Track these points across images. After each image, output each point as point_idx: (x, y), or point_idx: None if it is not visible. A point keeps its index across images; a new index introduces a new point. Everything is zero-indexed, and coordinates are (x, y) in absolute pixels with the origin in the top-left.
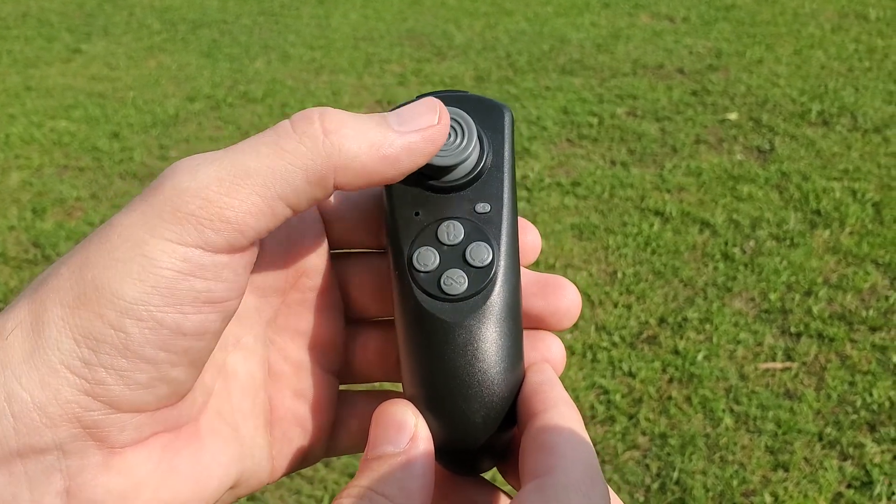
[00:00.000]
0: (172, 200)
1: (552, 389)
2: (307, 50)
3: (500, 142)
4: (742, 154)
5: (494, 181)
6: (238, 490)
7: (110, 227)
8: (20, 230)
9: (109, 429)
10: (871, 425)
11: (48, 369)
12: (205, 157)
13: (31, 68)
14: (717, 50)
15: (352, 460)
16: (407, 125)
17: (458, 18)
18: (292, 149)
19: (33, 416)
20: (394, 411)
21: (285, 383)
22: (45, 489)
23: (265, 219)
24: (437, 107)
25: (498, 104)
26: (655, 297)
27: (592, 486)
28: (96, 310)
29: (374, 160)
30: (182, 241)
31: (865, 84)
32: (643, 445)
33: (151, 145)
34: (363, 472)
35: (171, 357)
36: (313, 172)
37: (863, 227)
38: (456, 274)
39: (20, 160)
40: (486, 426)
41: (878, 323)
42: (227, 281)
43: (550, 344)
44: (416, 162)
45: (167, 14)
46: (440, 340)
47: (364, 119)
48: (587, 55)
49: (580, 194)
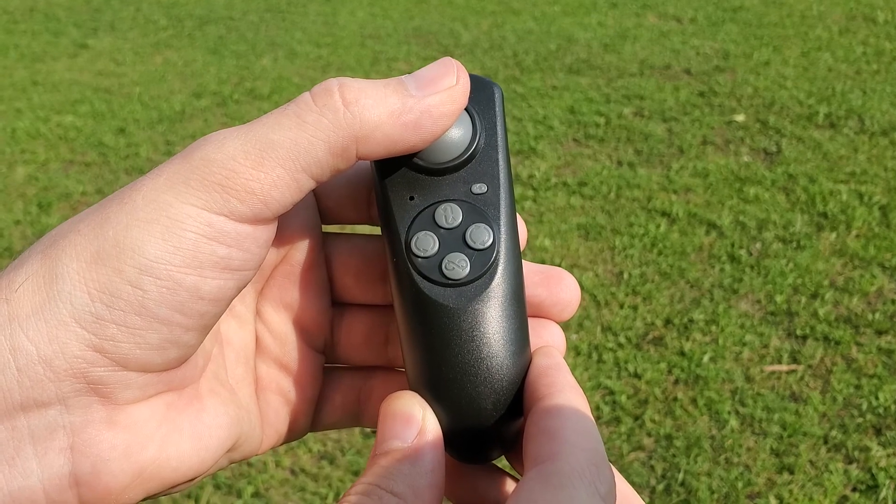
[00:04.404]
0: (200, 169)
1: (559, 374)
2: (314, 47)
3: (491, 120)
4: (749, 156)
5: (489, 161)
6: (233, 454)
7: (133, 190)
8: (26, 224)
9: (114, 386)
10: (876, 429)
11: (57, 322)
12: (230, 131)
13: (38, 63)
14: (725, 51)
15: (356, 458)
16: (425, 88)
17: (465, 17)
18: (314, 121)
19: (38, 370)
20: (400, 404)
21: (269, 354)
22: (49, 444)
23: (289, 191)
24: (455, 67)
25: (487, 81)
26: (661, 298)
27: (598, 472)
28: (115, 265)
29: (396, 128)
30: (208, 208)
31: (873, 87)
32: (648, 447)
33: (157, 141)
34: (371, 468)
35: (186, 320)
36: (336, 144)
37: (869, 230)
38: (457, 258)
39: (26, 155)
40: (496, 412)
41: (885, 326)
42: (248, 251)
43: (551, 330)
44: (439, 125)
45: (174, 10)
46: (445, 327)
47: (382, 86)
48: (594, 55)
49: (586, 194)
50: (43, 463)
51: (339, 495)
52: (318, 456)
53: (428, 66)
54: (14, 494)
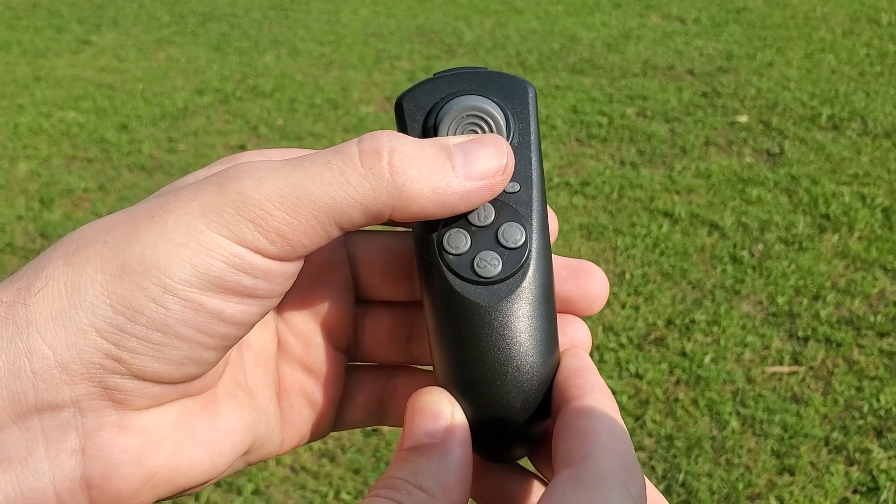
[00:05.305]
0: (235, 203)
1: (589, 375)
2: (317, 45)
3: (525, 120)
4: (751, 157)
5: (522, 160)
6: (250, 457)
7: (164, 210)
8: (28, 220)
9: (129, 393)
10: (877, 431)
11: (77, 329)
12: (272, 167)
13: (41, 59)
14: (728, 52)
15: (357, 457)
16: (473, 168)
17: (469, 16)
18: (357, 183)
19: (54, 373)
20: (429, 400)
21: (292, 356)
22: (61, 446)
23: (318, 239)
24: (506, 154)
25: (521, 80)
26: (663, 298)
27: (630, 475)
28: (139, 282)
29: (433, 204)
30: (238, 241)
31: (876, 89)
32: (649, 447)
33: (160, 138)
34: (399, 463)
35: (207, 340)
36: (373, 208)
37: (871, 232)
38: (489, 256)
39: (28, 150)
40: (524, 411)
41: (886, 328)
42: (274, 282)
43: (577, 328)
44: (469, 207)
45: (177, 6)
46: (476, 325)
47: (430, 157)
48: (597, 55)
49: (589, 194)
50: (55, 464)
51: (339, 493)
52: (319, 454)
53: (480, 139)
54: (25, 495)
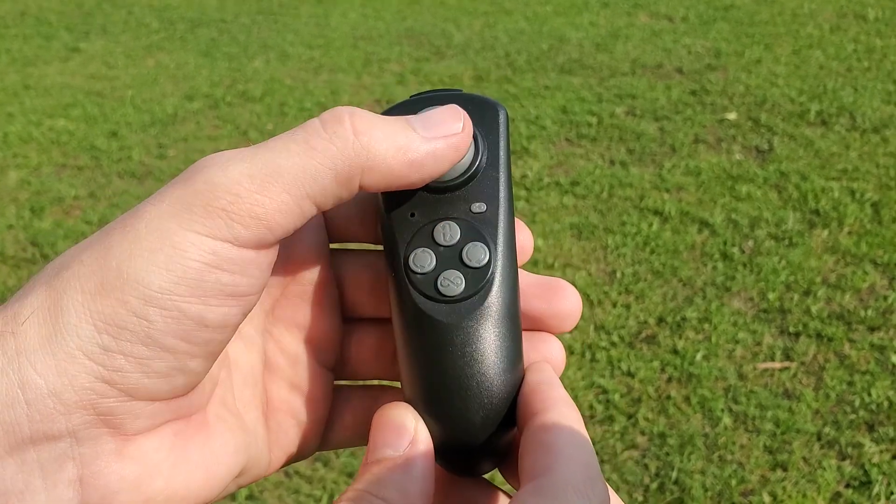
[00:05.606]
0: (203, 194)
1: (552, 389)
2: (306, 49)
3: (495, 141)
4: (741, 154)
5: (490, 181)
6: (241, 479)
7: (135, 218)
8: (18, 229)
9: (124, 416)
10: (869, 425)
11: (65, 355)
12: (235, 154)
13: (30, 67)
14: (716, 50)
15: (350, 460)
16: (432, 131)
17: (457, 18)
18: (323, 148)
19: (47, 403)
20: (393, 415)
21: (280, 375)
22: (58, 477)
23: (293, 217)
24: (462, 115)
25: (492, 102)
26: (654, 296)
27: (592, 486)
28: (119, 297)
29: (401, 164)
30: (211, 234)
31: (864, 84)
32: (642, 445)
33: (150, 144)
34: (363, 475)
35: (192, 348)
36: (342, 172)
37: (861, 226)
38: (453, 275)
39: (18, 159)
40: (486, 426)
41: (877, 323)
42: (251, 276)
43: (551, 345)
44: (439, 168)
45: (166, 13)
46: (438, 342)
47: (391, 122)
48: (586, 54)
49: (579, 194)
50: (52, 496)
51: (333, 497)
52: (313, 458)
53: (435, 109)
54: None
